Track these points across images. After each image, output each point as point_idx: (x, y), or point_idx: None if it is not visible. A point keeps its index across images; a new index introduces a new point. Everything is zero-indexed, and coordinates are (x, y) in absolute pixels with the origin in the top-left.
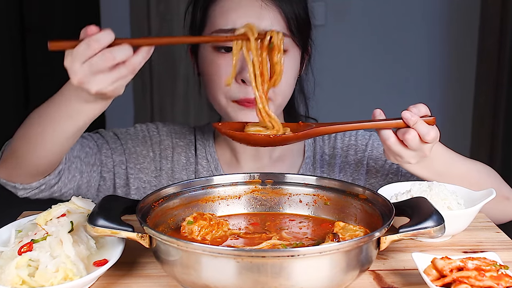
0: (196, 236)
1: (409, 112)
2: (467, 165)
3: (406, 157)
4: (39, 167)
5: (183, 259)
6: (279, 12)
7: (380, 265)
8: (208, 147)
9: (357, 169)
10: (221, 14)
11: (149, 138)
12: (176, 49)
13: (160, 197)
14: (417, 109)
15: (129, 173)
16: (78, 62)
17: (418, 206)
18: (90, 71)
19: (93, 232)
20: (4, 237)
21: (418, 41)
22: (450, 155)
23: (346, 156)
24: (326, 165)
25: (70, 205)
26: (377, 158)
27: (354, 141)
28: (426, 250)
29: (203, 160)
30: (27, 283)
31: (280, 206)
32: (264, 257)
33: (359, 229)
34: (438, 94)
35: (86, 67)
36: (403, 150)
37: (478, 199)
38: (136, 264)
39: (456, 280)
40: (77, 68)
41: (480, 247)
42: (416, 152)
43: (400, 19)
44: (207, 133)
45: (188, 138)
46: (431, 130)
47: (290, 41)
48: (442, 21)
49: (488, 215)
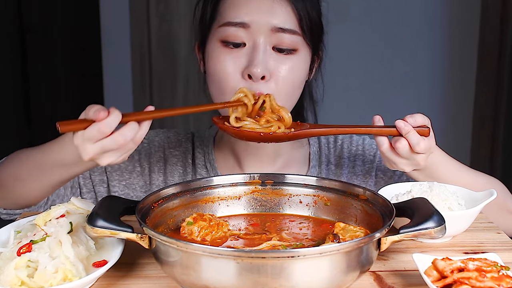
0: (196, 237)
1: (403, 121)
2: (471, 176)
3: (399, 164)
4: (28, 201)
5: (183, 260)
6: (291, 8)
7: (380, 266)
8: (208, 154)
9: (365, 180)
10: (231, 8)
11: (136, 152)
12: (176, 50)
13: (160, 198)
14: (413, 119)
15: (112, 191)
16: (89, 143)
17: (418, 207)
18: (101, 151)
19: (92, 233)
20: (3, 238)
21: (419, 42)
22: (453, 165)
23: (354, 166)
24: (332, 174)
25: (69, 205)
26: (386, 169)
27: (361, 150)
28: (427, 251)
29: (203, 170)
30: (26, 284)
31: (280, 206)
32: (264, 258)
33: (359, 230)
34: (438, 95)
35: (98, 148)
36: (395, 158)
37: (479, 200)
38: (135, 265)
39: (457, 281)
40: (89, 148)
41: (481, 248)
42: (408, 160)
43: (401, 20)
44: (206, 139)
45: (185, 146)
46: (422, 141)
47: (300, 40)
48: (442, 22)
49: None
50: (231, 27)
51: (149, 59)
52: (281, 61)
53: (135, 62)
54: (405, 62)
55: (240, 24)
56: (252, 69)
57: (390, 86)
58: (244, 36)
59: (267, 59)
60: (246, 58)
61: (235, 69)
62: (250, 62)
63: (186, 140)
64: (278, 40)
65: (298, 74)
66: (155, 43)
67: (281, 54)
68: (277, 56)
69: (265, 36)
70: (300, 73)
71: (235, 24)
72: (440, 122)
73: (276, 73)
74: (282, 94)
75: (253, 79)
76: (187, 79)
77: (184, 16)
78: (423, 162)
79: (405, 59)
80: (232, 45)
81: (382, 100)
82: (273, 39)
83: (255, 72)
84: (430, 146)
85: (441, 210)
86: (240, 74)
